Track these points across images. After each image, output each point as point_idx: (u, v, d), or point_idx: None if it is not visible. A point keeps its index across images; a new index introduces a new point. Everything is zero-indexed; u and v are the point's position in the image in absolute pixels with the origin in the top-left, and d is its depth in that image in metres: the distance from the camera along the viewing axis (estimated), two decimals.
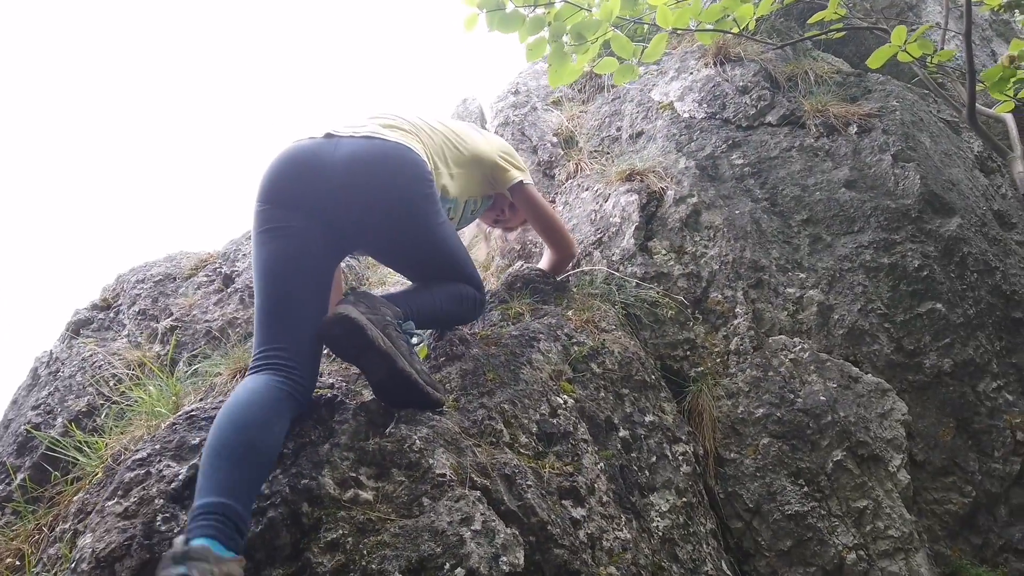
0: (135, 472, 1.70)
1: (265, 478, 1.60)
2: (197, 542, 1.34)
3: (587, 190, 3.47)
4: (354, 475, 1.71)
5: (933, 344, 2.80)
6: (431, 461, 1.74)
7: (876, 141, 3.22)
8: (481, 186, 2.46)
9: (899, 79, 3.92)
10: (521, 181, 2.53)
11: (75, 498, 2.09)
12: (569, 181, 3.69)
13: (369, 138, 2.01)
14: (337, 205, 1.95)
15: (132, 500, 1.63)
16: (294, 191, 1.94)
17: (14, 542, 2.22)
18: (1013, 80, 2.26)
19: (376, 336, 1.77)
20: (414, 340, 2.03)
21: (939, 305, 2.84)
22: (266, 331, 1.80)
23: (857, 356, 2.79)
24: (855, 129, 3.30)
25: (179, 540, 1.36)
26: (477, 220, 2.99)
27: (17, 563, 2.10)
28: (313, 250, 1.92)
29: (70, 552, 1.74)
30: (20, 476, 2.45)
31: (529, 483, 1.84)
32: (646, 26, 3.72)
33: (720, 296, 2.91)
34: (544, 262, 2.90)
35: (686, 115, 3.60)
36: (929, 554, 2.51)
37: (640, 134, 3.72)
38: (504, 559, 1.56)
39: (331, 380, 2.08)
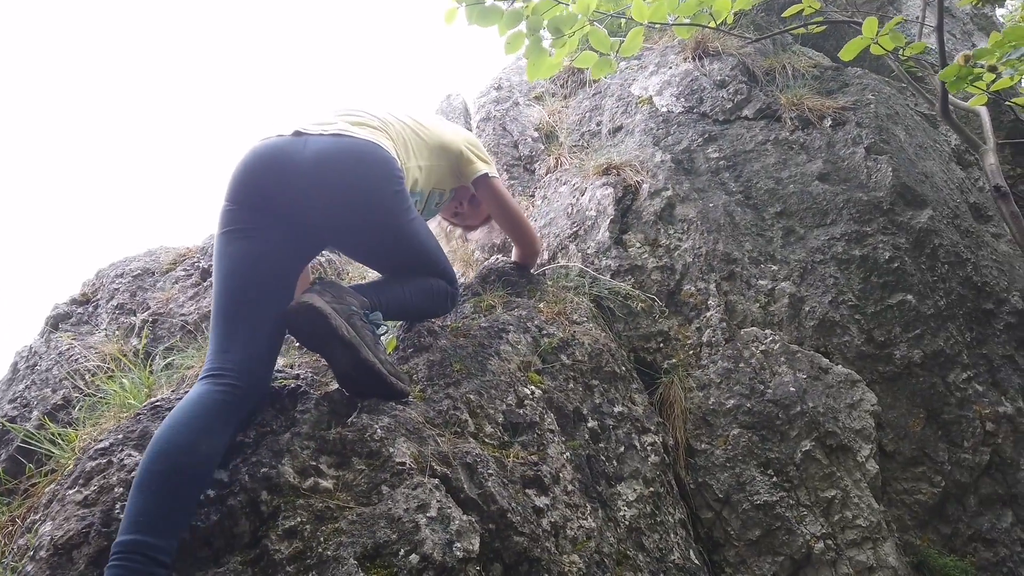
0: (96, 461, 1.72)
1: (196, 495, 1.58)
2: None
3: (565, 184, 3.49)
4: (314, 464, 1.73)
5: (903, 335, 2.82)
6: (391, 450, 1.76)
7: (850, 134, 3.24)
8: (447, 177, 2.46)
9: (878, 73, 3.94)
10: (486, 174, 2.52)
11: (47, 490, 2.10)
12: (549, 175, 3.71)
13: (338, 136, 2.00)
14: (307, 205, 1.94)
15: (92, 488, 1.65)
16: (262, 191, 1.93)
17: None
18: (970, 78, 2.27)
19: (340, 325, 1.78)
20: (381, 331, 2.04)
21: (910, 297, 2.86)
22: (218, 337, 1.79)
23: (828, 347, 2.81)
24: (829, 122, 3.32)
25: None
26: (439, 219, 2.97)
27: None
28: (277, 252, 1.91)
29: None
30: None
31: (491, 471, 1.86)
32: (623, 20, 3.73)
33: (693, 288, 2.93)
34: (513, 257, 2.92)
35: (664, 109, 3.62)
36: (898, 543, 2.53)
37: (619, 128, 3.73)
38: (458, 545, 1.58)
39: (297, 371, 2.09)
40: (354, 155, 1.98)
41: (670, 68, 3.85)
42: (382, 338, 2.05)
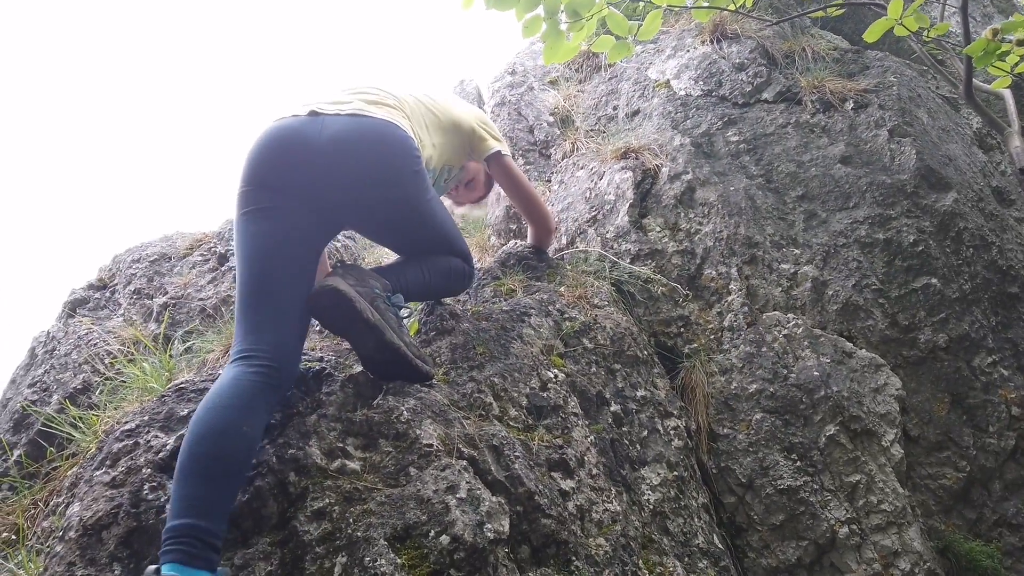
0: (123, 443, 1.71)
1: (240, 480, 1.57)
2: (167, 569, 1.34)
3: (582, 168, 3.46)
4: (341, 445, 1.72)
5: (928, 319, 2.79)
6: (418, 432, 1.75)
7: (872, 116, 3.20)
8: (458, 154, 2.42)
9: (899, 56, 3.89)
10: (499, 151, 2.47)
11: (69, 473, 2.10)
12: (565, 160, 3.68)
13: (355, 116, 1.96)
14: (325, 186, 1.91)
15: (120, 470, 1.64)
16: (279, 172, 1.89)
17: (10, 517, 2.24)
18: (998, 53, 2.23)
19: (364, 308, 1.77)
20: (403, 313, 2.03)
21: (934, 280, 2.82)
22: (247, 318, 1.76)
23: (851, 331, 2.78)
24: (851, 105, 3.27)
25: (150, 569, 1.35)
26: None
27: (13, 537, 2.12)
28: (298, 233, 1.88)
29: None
30: (16, 452, 2.47)
31: (517, 454, 1.85)
32: (641, 3, 3.69)
33: (714, 273, 2.90)
34: (529, 238, 2.89)
35: (682, 93, 3.58)
36: (922, 528, 2.51)
37: (636, 112, 3.70)
38: (489, 526, 1.57)
39: (320, 354, 2.08)
40: (372, 136, 1.95)
41: (687, 51, 3.81)
42: (404, 321, 2.03)
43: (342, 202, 1.96)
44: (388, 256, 3.48)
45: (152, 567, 1.36)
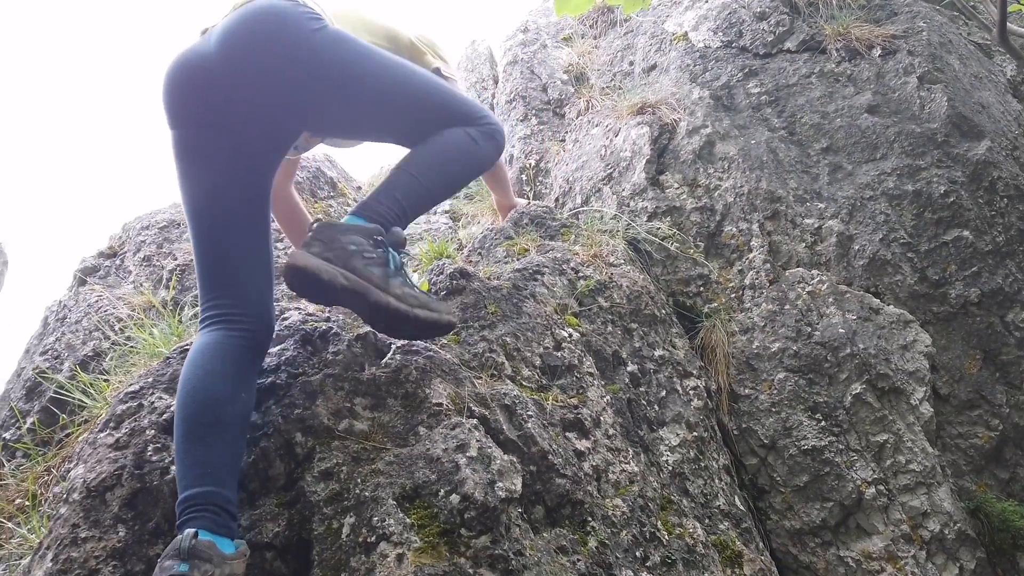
0: (127, 404, 1.67)
1: (244, 445, 1.53)
2: (204, 537, 1.30)
3: (597, 126, 3.36)
4: (348, 405, 1.67)
5: (959, 273, 2.68)
6: (427, 391, 1.70)
7: (901, 63, 3.05)
8: None
9: (928, 2, 3.71)
10: (439, 69, 2.11)
11: (81, 438, 2.08)
12: (579, 118, 3.58)
13: (234, 10, 1.67)
14: (236, 102, 1.67)
15: (123, 431, 1.60)
16: (188, 106, 1.69)
17: (24, 483, 2.24)
18: None
19: (334, 277, 1.54)
20: (414, 279, 1.88)
21: (966, 233, 2.71)
22: (208, 279, 1.66)
23: (879, 287, 2.68)
24: (879, 52, 3.13)
25: (188, 534, 1.29)
26: None
27: (27, 503, 2.12)
28: (238, 172, 1.70)
29: None
30: (29, 420, 2.46)
31: (530, 413, 1.79)
32: None
33: (735, 230, 2.81)
34: None
35: (701, 45, 3.44)
36: (953, 488, 2.43)
37: (653, 67, 3.57)
38: (500, 485, 1.52)
39: (328, 314, 2.02)
40: (251, 19, 1.65)
41: (706, 2, 3.66)
42: (405, 270, 1.82)
43: (264, 110, 1.72)
44: None
45: (189, 530, 1.30)
